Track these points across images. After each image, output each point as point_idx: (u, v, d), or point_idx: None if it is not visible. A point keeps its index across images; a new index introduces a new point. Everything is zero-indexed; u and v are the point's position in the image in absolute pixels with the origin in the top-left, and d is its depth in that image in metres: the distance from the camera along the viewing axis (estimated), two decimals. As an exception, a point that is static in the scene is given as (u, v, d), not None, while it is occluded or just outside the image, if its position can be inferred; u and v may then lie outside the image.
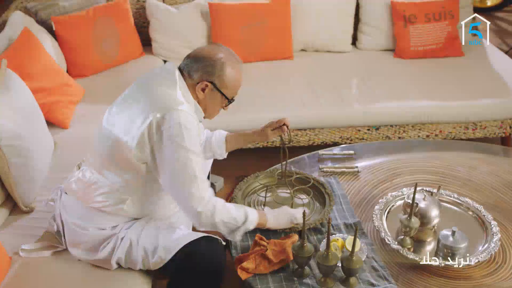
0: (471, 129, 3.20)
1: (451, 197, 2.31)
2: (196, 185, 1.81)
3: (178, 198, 1.86)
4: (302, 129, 3.11)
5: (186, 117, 1.81)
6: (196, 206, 1.82)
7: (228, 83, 1.91)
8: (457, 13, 3.65)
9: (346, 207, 2.29)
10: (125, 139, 1.82)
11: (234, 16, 3.48)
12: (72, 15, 3.31)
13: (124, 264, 1.93)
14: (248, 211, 1.96)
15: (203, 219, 1.85)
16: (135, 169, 1.86)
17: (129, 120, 1.83)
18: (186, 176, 1.80)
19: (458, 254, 2.00)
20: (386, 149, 2.75)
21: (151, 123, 1.78)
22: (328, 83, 3.33)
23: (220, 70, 1.88)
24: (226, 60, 1.90)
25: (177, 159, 1.79)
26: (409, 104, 3.15)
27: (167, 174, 1.82)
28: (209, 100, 1.94)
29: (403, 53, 3.65)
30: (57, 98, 2.84)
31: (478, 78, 3.41)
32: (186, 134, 1.78)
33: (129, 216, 1.96)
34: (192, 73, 1.89)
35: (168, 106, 1.80)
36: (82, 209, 1.94)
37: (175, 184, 1.82)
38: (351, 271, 1.86)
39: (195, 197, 1.82)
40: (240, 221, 1.92)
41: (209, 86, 1.90)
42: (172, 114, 1.78)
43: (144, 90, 1.89)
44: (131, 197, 1.91)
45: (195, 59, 1.90)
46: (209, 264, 1.86)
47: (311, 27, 3.66)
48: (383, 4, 3.68)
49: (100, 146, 1.92)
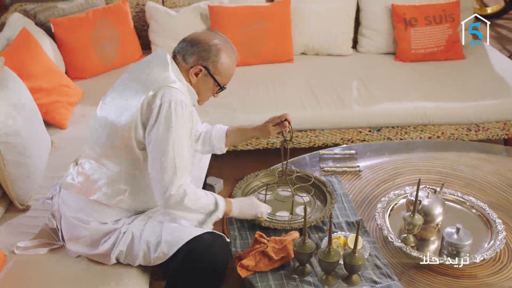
0: (474, 130, 3.17)
1: (455, 195, 2.27)
2: (174, 168, 1.78)
3: (153, 176, 1.82)
4: (302, 130, 3.08)
5: (178, 96, 1.79)
6: (170, 188, 1.79)
7: (222, 70, 1.90)
8: (457, 17, 3.63)
9: (348, 205, 2.25)
10: (122, 123, 1.80)
11: (234, 19, 3.46)
12: (71, 17, 3.29)
13: (123, 259, 1.89)
14: (217, 199, 1.93)
15: (174, 201, 1.81)
16: (134, 156, 1.84)
17: (123, 105, 1.82)
18: (167, 157, 1.77)
19: (463, 252, 1.96)
20: (388, 149, 2.72)
21: (143, 102, 1.77)
22: (328, 85, 3.31)
23: (215, 56, 1.87)
24: (222, 46, 1.89)
25: (162, 138, 1.77)
26: (410, 105, 3.12)
27: (150, 152, 1.80)
28: (201, 85, 1.93)
29: (403, 56, 3.63)
30: (55, 98, 2.81)
31: (480, 80, 3.39)
32: (175, 114, 1.77)
33: (130, 208, 1.92)
34: (187, 56, 1.88)
35: (160, 84, 1.79)
36: (82, 203, 1.91)
37: (155, 163, 1.79)
38: (354, 268, 1.82)
39: (170, 180, 1.78)
40: (210, 209, 1.90)
41: (203, 71, 1.89)
42: (164, 91, 1.77)
43: (136, 75, 1.89)
44: (130, 188, 1.89)
45: (191, 43, 1.89)
46: (213, 260, 1.81)
47: (311, 30, 3.64)
48: (383, 7, 3.66)
49: (98, 136, 1.89)
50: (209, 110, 2.95)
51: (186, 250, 1.80)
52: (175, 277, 1.86)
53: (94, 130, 1.92)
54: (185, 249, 1.80)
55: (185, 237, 1.83)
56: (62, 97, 2.86)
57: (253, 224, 2.10)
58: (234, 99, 3.15)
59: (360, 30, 3.77)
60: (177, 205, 1.82)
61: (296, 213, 2.18)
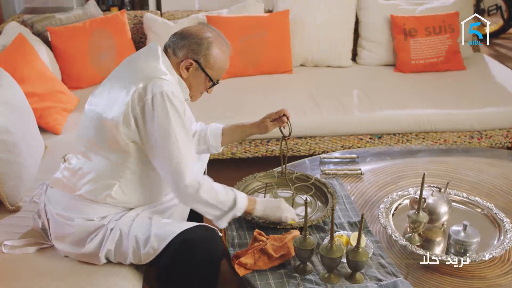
0: (477, 138, 3.11)
1: (460, 196, 2.20)
2: (181, 158, 1.72)
3: (163, 171, 1.75)
4: (302, 137, 3.02)
5: (169, 86, 1.73)
6: (182, 178, 1.72)
7: (214, 63, 1.84)
8: (457, 27, 3.62)
9: (350, 207, 2.17)
10: (110, 116, 1.74)
11: (232, 28, 3.44)
12: (69, 26, 3.27)
13: (113, 257, 1.80)
14: (237, 196, 1.86)
15: (190, 193, 1.74)
16: (123, 149, 1.77)
17: (112, 97, 1.76)
18: (171, 148, 1.71)
19: (470, 250, 1.87)
20: (390, 154, 2.66)
21: (133, 95, 1.71)
22: (328, 92, 3.27)
23: (206, 49, 1.81)
24: (213, 39, 1.83)
25: (160, 130, 1.70)
26: (412, 112, 3.07)
27: (152, 147, 1.73)
28: (193, 80, 1.86)
29: (403, 67, 3.60)
30: (50, 104, 2.76)
31: (482, 89, 3.36)
32: (170, 103, 1.70)
33: (117, 205, 1.84)
34: (177, 50, 1.83)
35: (151, 75, 1.73)
36: (68, 199, 1.83)
37: (160, 157, 1.73)
38: (357, 264, 1.73)
39: (181, 169, 1.72)
40: (228, 204, 1.83)
41: (194, 65, 1.82)
42: (154, 83, 1.71)
43: (126, 67, 1.84)
44: (119, 183, 1.81)
45: (181, 36, 1.83)
46: (206, 252, 1.73)
47: (310, 41, 3.62)
48: (382, 19, 3.65)
49: (86, 129, 1.83)
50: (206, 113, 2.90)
51: (177, 243, 1.72)
52: (167, 272, 1.77)
53: (83, 124, 1.87)
54: (176, 242, 1.72)
55: (176, 230, 1.75)
56: (56, 103, 2.81)
57: (252, 224, 2.01)
58: (231, 106, 3.10)
59: (359, 42, 3.75)
60: (194, 197, 1.75)
61: (297, 213, 2.10)
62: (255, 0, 3.63)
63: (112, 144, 1.77)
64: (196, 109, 2.27)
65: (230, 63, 3.40)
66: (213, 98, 3.18)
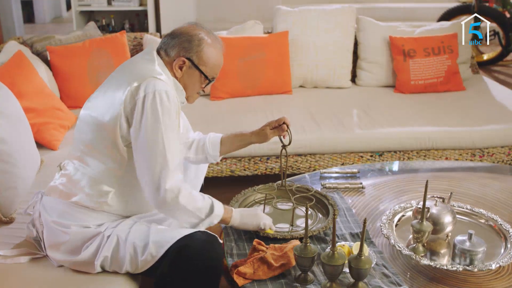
0: (478, 156, 3.07)
1: (464, 208, 2.15)
2: (165, 161, 1.68)
3: (143, 171, 1.71)
4: (302, 154, 2.98)
5: (163, 86, 1.70)
6: (163, 182, 1.68)
7: (207, 59, 1.82)
8: (456, 48, 3.63)
9: (351, 219, 2.12)
10: (107, 118, 1.71)
11: (231, 48, 3.43)
12: (68, 46, 3.27)
13: (109, 266, 1.74)
14: (214, 203, 1.82)
15: (168, 198, 1.69)
16: (119, 154, 1.74)
17: (107, 99, 1.74)
18: (156, 150, 1.67)
19: (476, 260, 1.82)
20: (391, 169, 2.62)
21: (127, 95, 1.69)
22: (328, 112, 3.25)
23: (198, 46, 1.79)
24: (204, 36, 1.82)
25: (149, 130, 1.67)
26: (413, 129, 3.05)
27: (137, 147, 1.70)
28: (187, 79, 1.83)
29: (403, 87, 3.59)
30: (47, 120, 2.74)
31: (484, 108, 3.34)
32: (161, 104, 1.68)
33: (113, 212, 1.80)
34: (169, 50, 1.81)
35: (145, 75, 1.71)
36: (63, 206, 1.78)
37: (143, 158, 1.69)
38: (360, 272, 1.67)
39: (164, 173, 1.68)
40: (205, 212, 1.79)
41: (187, 63, 1.80)
42: (148, 82, 1.69)
43: (121, 71, 1.82)
44: (114, 189, 1.77)
45: (172, 36, 1.82)
46: (206, 259, 1.67)
47: (309, 62, 3.62)
48: (381, 40, 3.66)
49: (82, 134, 1.80)
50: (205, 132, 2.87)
51: (176, 249, 1.67)
52: (166, 281, 1.70)
53: (79, 128, 1.84)
54: (175, 248, 1.67)
55: (175, 235, 1.70)
56: (54, 119, 2.78)
57: (251, 235, 1.96)
58: (230, 126, 3.07)
59: (358, 63, 3.75)
60: (172, 203, 1.71)
61: (296, 224, 2.05)
62: (254, 22, 3.65)
63: (108, 149, 1.74)
64: (195, 129, 2.24)
65: (229, 83, 3.45)
66: (212, 118, 3.17)
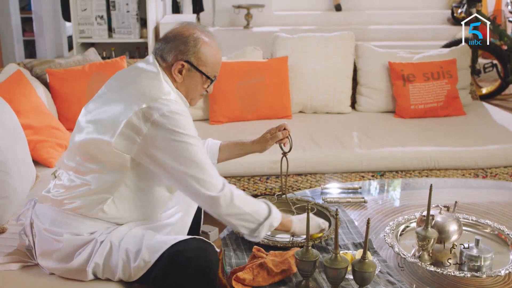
0: (481, 176, 3.03)
1: (469, 219, 2.09)
2: (203, 170, 1.63)
3: (188, 190, 1.67)
4: (302, 174, 2.93)
5: (177, 105, 1.66)
6: (210, 191, 1.63)
7: (206, 59, 1.75)
8: (455, 74, 3.63)
9: (354, 230, 2.06)
10: (107, 135, 1.65)
11: (230, 72, 3.44)
12: (68, 69, 3.27)
13: (101, 273, 1.67)
14: (270, 204, 1.76)
15: (223, 203, 1.64)
16: (120, 165, 1.67)
17: (110, 115, 1.67)
18: (190, 163, 1.62)
19: (485, 267, 1.75)
20: (394, 186, 2.57)
21: (136, 114, 1.62)
22: (328, 134, 3.22)
23: (194, 46, 1.73)
24: (199, 35, 1.75)
25: (175, 147, 1.62)
26: (414, 149, 3.02)
27: (169, 167, 1.63)
28: (188, 82, 1.77)
29: (403, 112, 3.57)
30: (44, 138, 2.70)
31: (485, 130, 3.33)
32: (179, 119, 1.63)
33: (109, 220, 1.73)
34: (165, 55, 1.74)
35: (155, 96, 1.65)
36: (56, 213, 1.73)
37: (181, 175, 1.64)
38: (365, 276, 1.60)
39: (207, 183, 1.63)
40: (263, 214, 1.72)
41: (186, 66, 1.74)
42: (160, 103, 1.63)
43: (124, 83, 1.74)
44: (112, 197, 1.71)
45: (166, 40, 1.75)
46: (199, 265, 1.61)
47: (309, 88, 3.61)
48: (380, 66, 3.67)
49: (78, 145, 1.73)
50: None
51: (170, 255, 1.61)
52: (159, 286, 1.63)
53: (75, 140, 1.76)
54: (169, 254, 1.61)
55: (169, 241, 1.64)
56: (51, 138, 2.74)
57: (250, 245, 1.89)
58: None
59: (358, 89, 3.75)
60: (228, 205, 1.66)
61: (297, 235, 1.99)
62: (253, 48, 3.67)
63: (107, 162, 1.68)
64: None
65: (228, 107, 3.43)
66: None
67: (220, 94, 3.41)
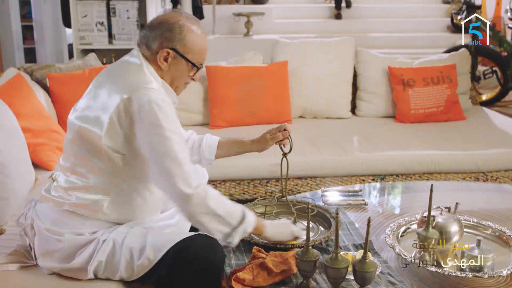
0: (482, 180, 3.02)
1: (471, 221, 2.08)
2: (179, 167, 1.61)
3: (162, 184, 1.65)
4: (302, 177, 2.93)
5: (157, 95, 1.64)
6: (184, 188, 1.60)
7: (192, 46, 1.73)
8: (455, 79, 3.63)
9: (354, 232, 2.05)
10: (95, 129, 1.64)
11: (230, 77, 3.44)
12: (68, 73, 3.27)
13: (102, 272, 1.66)
14: (245, 209, 1.73)
15: (195, 202, 1.61)
16: (111, 161, 1.66)
17: (96, 109, 1.66)
18: (167, 158, 1.61)
19: (486, 267, 1.74)
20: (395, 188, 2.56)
21: (118, 106, 1.61)
22: (329, 138, 3.23)
23: (180, 34, 1.70)
24: (184, 22, 1.72)
25: (153, 140, 1.60)
26: (415, 153, 3.02)
27: (148, 160, 1.63)
28: (174, 70, 1.74)
29: (403, 117, 3.57)
30: (44, 141, 2.69)
31: (485, 134, 3.33)
32: (159, 111, 1.60)
33: (109, 220, 1.72)
34: (150, 43, 1.72)
35: (136, 85, 1.64)
36: (57, 213, 1.71)
37: (157, 168, 1.62)
38: (365, 276, 1.59)
39: (181, 179, 1.60)
40: (237, 218, 1.68)
41: (171, 54, 1.71)
42: (140, 93, 1.62)
43: (109, 78, 1.74)
44: (109, 197, 1.69)
45: (151, 28, 1.73)
46: (206, 262, 1.59)
47: (309, 93, 3.61)
48: (380, 70, 3.67)
49: (71, 144, 1.73)
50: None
51: (175, 252, 1.59)
52: (163, 285, 1.62)
53: (67, 139, 1.76)
54: (174, 251, 1.60)
55: (174, 238, 1.62)
56: (50, 141, 2.73)
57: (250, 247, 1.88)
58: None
59: (358, 94, 3.75)
60: (201, 205, 1.62)
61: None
62: (253, 53, 3.67)
63: (99, 158, 1.67)
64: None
65: (228, 111, 3.43)
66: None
67: (220, 98, 3.42)
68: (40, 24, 6.99)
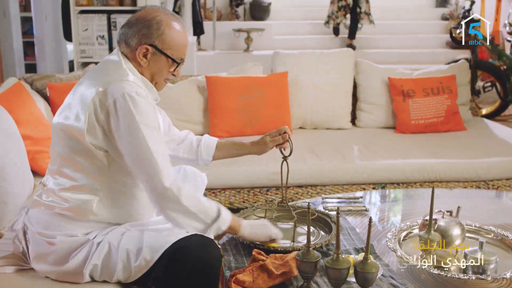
0: (483, 188, 3.00)
1: (472, 226, 2.06)
2: (153, 161, 1.60)
3: (140, 177, 1.64)
4: (302, 186, 2.91)
5: (132, 87, 1.63)
6: (156, 183, 1.60)
7: (171, 42, 1.72)
8: (455, 89, 3.64)
9: (355, 237, 2.03)
10: (76, 125, 1.63)
11: (230, 88, 3.44)
12: (68, 83, 3.27)
13: (98, 275, 1.64)
14: (221, 207, 1.71)
15: (169, 198, 1.60)
16: (97, 160, 1.66)
17: (75, 106, 1.66)
18: (140, 152, 1.60)
19: (489, 270, 1.72)
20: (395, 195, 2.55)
21: (93, 100, 1.61)
22: (329, 147, 3.21)
23: (158, 30, 1.70)
24: (162, 17, 1.72)
25: (126, 134, 1.60)
26: (415, 161, 3.01)
27: (125, 155, 1.63)
28: (154, 66, 1.74)
29: (404, 127, 3.57)
30: (43, 148, 2.69)
31: (486, 144, 3.32)
32: (133, 105, 1.60)
33: (101, 220, 1.70)
34: (129, 40, 1.72)
35: (111, 79, 1.64)
36: (48, 217, 1.70)
37: (132, 163, 1.62)
38: (367, 277, 1.57)
39: (155, 174, 1.60)
40: (211, 215, 1.68)
41: (150, 50, 1.71)
42: (114, 86, 1.62)
43: (88, 75, 1.74)
44: (98, 197, 1.68)
45: (129, 25, 1.73)
46: (202, 260, 1.57)
47: (309, 103, 3.61)
48: (380, 82, 3.68)
49: (56, 146, 1.73)
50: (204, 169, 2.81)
51: (171, 252, 1.57)
52: (160, 285, 1.59)
53: (53, 141, 1.76)
54: (170, 251, 1.58)
55: (170, 239, 1.60)
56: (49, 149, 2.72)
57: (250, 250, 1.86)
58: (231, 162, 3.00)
59: (358, 105, 3.75)
60: (174, 203, 1.61)
61: (298, 241, 1.96)
62: (253, 64, 3.68)
63: (84, 156, 1.66)
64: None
65: (228, 121, 3.42)
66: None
67: (220, 109, 3.41)
68: (41, 41, 7.03)
